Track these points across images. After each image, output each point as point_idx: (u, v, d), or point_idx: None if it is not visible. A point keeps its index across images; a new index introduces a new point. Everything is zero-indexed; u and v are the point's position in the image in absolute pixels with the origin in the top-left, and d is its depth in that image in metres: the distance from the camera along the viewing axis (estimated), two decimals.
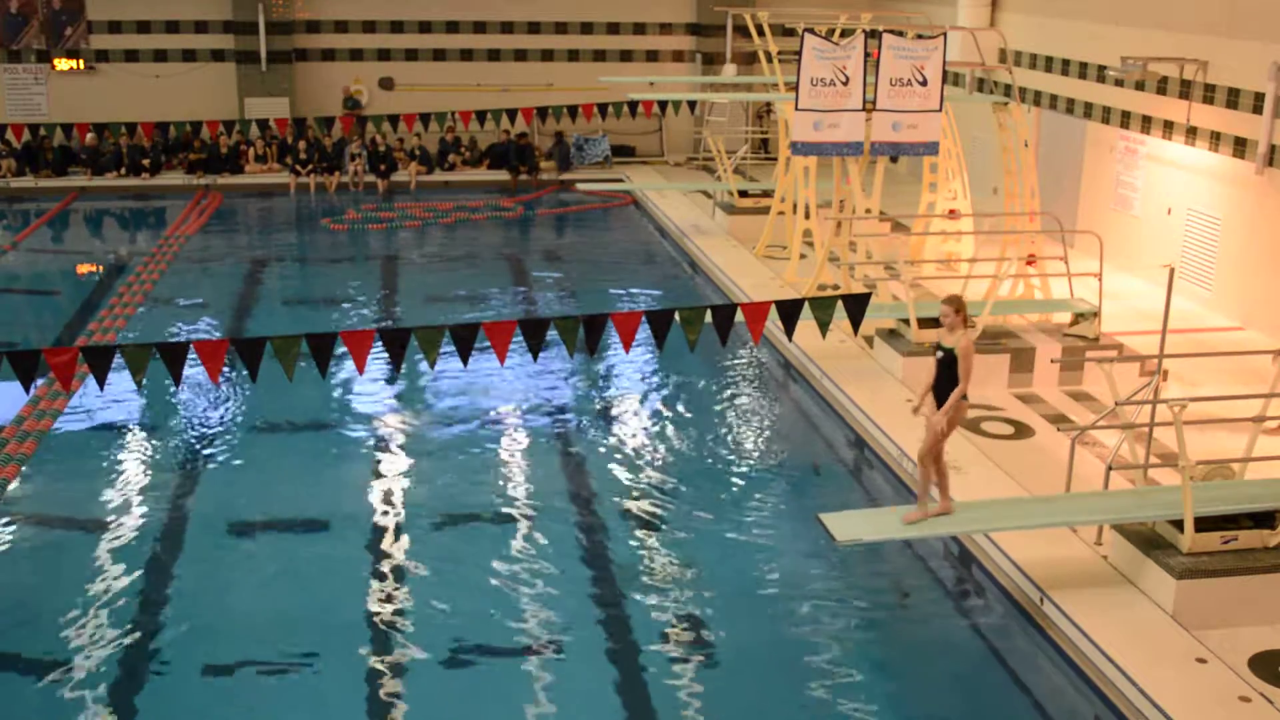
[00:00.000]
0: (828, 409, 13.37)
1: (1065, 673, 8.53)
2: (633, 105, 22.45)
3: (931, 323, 13.39)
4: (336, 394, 13.72)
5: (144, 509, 11.02)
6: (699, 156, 26.90)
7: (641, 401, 13.96)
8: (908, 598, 10.00)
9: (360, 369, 10.67)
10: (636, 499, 11.31)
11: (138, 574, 9.83)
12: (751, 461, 12.57)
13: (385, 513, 10.98)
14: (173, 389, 12.68)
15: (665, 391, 14.32)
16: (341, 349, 10.48)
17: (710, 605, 9.47)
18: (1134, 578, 8.98)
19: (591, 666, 8.68)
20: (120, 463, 12.11)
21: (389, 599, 9.51)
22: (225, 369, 12.58)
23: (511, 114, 23.84)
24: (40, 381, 12.55)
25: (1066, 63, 19.06)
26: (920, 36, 14.69)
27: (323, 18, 26.28)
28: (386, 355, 10.76)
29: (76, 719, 7.98)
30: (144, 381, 9.93)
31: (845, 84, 14.47)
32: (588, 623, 9.22)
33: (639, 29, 27.35)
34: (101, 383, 10.03)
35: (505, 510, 11.02)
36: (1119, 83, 17.21)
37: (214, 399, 13.59)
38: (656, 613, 9.33)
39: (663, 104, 23.41)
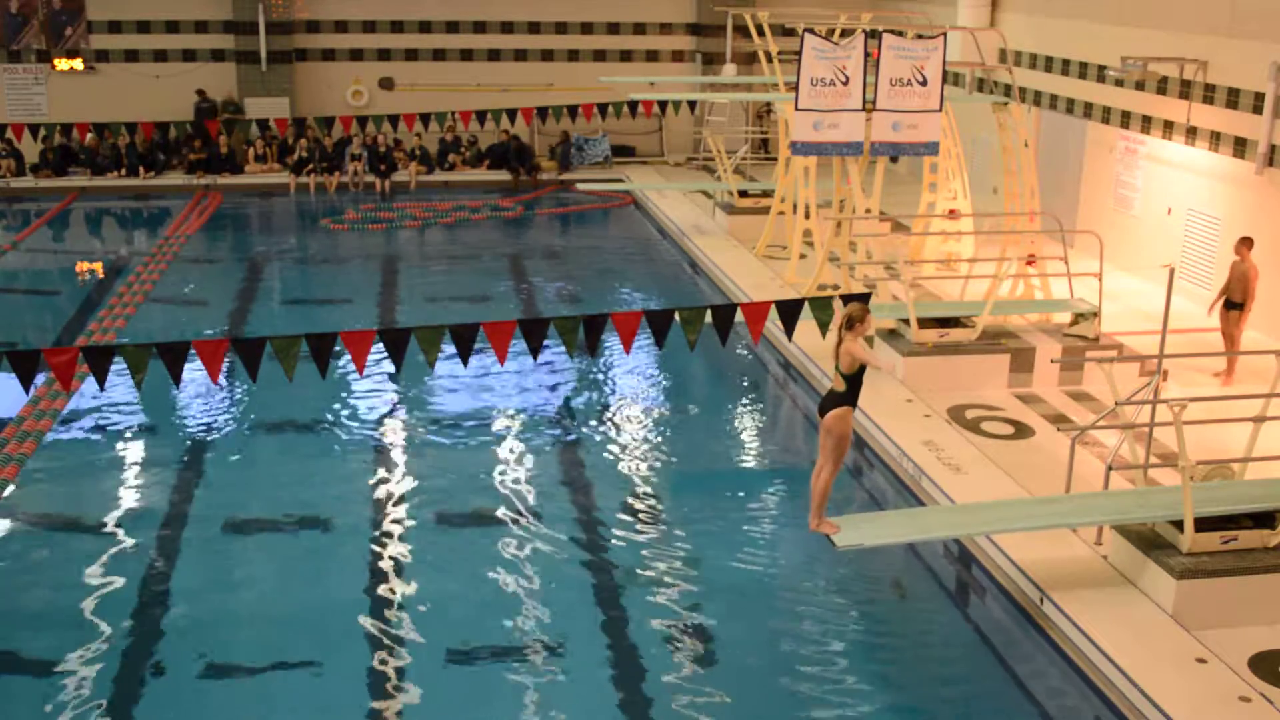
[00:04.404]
0: None
1: (1065, 673, 8.52)
2: (633, 105, 22.43)
3: (932, 323, 13.41)
4: (336, 394, 13.71)
5: (144, 509, 11.02)
6: (699, 156, 26.90)
7: (641, 401, 13.96)
8: (907, 598, 10.01)
9: (360, 369, 10.67)
10: (636, 498, 11.31)
11: (137, 574, 9.82)
12: (751, 461, 12.58)
13: (385, 512, 10.98)
14: (173, 389, 12.67)
15: (665, 391, 14.33)
16: (341, 349, 10.47)
17: (710, 605, 9.46)
18: (1134, 578, 8.98)
19: (591, 666, 8.68)
20: (120, 463, 12.11)
21: (388, 599, 9.50)
22: (225, 369, 12.58)
23: (511, 114, 23.83)
24: (40, 381, 12.55)
25: (1066, 63, 19.06)
26: (920, 36, 14.69)
27: (323, 18, 26.29)
28: (386, 355, 10.76)
29: (76, 719, 7.98)
30: (144, 381, 9.92)
31: (845, 84, 14.47)
32: (587, 622, 9.23)
33: (639, 29, 27.36)
34: (101, 383, 10.02)
35: (505, 510, 11.01)
36: (1119, 83, 17.21)
37: (214, 399, 13.59)
38: (656, 612, 9.33)
39: (663, 104, 23.38)
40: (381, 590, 9.64)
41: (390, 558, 10.18)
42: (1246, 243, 13.26)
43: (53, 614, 9.22)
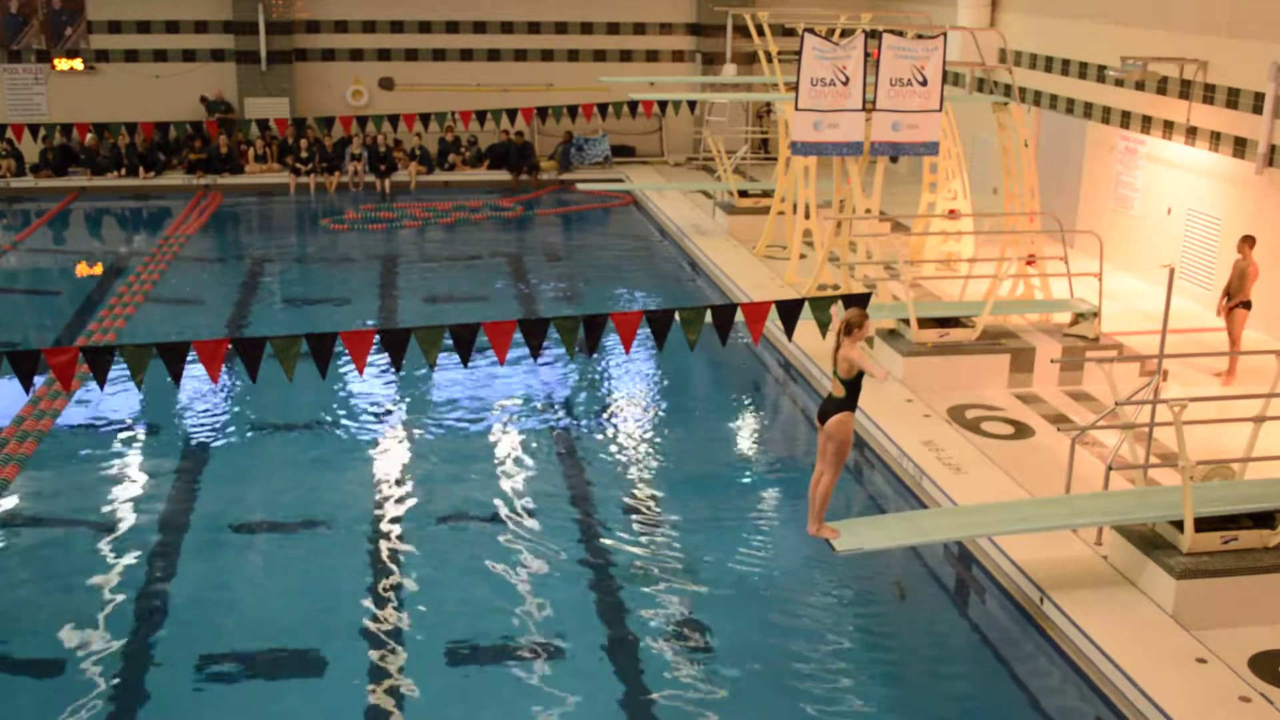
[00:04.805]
0: None
1: (1065, 673, 8.53)
2: (633, 105, 22.44)
3: (932, 323, 13.41)
4: (336, 394, 13.71)
5: (143, 509, 11.01)
6: (699, 156, 26.90)
7: (641, 401, 13.96)
8: (907, 598, 10.01)
9: (360, 369, 10.66)
10: (636, 499, 11.31)
11: (137, 574, 9.83)
12: (751, 462, 12.58)
13: (385, 513, 10.98)
14: (173, 389, 12.68)
15: (665, 391, 14.32)
16: (341, 349, 10.47)
17: (710, 605, 9.46)
18: (1134, 578, 8.98)
19: (591, 666, 8.67)
20: (120, 463, 12.11)
21: (388, 599, 9.50)
22: (225, 369, 12.58)
23: (511, 114, 23.86)
24: (40, 381, 12.54)
25: (1066, 63, 19.06)
26: (920, 36, 14.69)
27: (323, 18, 26.28)
28: (386, 355, 10.76)
29: (75, 719, 7.98)
30: (144, 381, 9.93)
31: (845, 84, 14.47)
32: (587, 623, 9.22)
33: (639, 29, 27.35)
34: (101, 383, 10.02)
35: (505, 510, 11.01)
36: (1119, 83, 17.21)
37: (214, 399, 13.58)
38: (656, 613, 9.33)
39: (663, 104, 23.40)
40: (381, 590, 9.63)
41: (390, 558, 10.18)
42: (1249, 241, 13.34)
43: (52, 613, 9.21)
